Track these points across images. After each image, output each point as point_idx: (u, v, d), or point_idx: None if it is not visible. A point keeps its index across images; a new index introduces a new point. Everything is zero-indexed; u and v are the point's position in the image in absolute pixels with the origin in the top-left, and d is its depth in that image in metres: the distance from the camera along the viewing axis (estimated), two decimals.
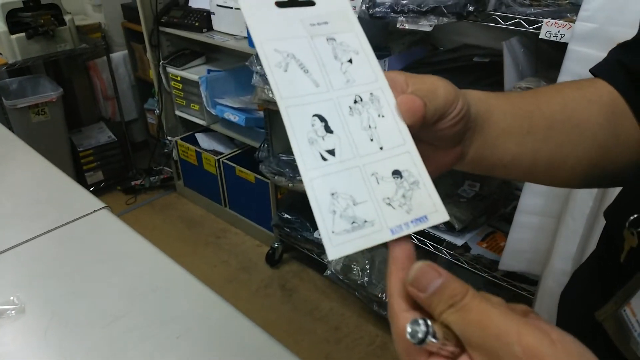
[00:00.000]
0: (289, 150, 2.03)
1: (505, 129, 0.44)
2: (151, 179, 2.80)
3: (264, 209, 2.27)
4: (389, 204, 0.33)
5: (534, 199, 1.21)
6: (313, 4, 0.38)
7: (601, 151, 0.48)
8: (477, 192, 1.65)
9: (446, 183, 1.69)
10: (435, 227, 1.58)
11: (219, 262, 2.32)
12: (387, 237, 0.32)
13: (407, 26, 1.30)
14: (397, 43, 1.64)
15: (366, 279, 1.83)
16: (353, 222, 0.32)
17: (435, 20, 1.25)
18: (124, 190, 2.77)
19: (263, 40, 0.35)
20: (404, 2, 1.28)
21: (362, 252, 1.91)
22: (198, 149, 2.48)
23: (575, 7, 1.07)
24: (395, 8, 1.29)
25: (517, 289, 1.43)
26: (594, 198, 1.05)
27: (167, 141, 2.61)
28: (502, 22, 1.17)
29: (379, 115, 0.35)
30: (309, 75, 0.35)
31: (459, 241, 1.56)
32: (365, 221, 0.32)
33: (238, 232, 2.52)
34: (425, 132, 0.38)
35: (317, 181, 0.32)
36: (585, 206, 1.07)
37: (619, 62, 0.48)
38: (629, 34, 0.49)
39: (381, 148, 0.35)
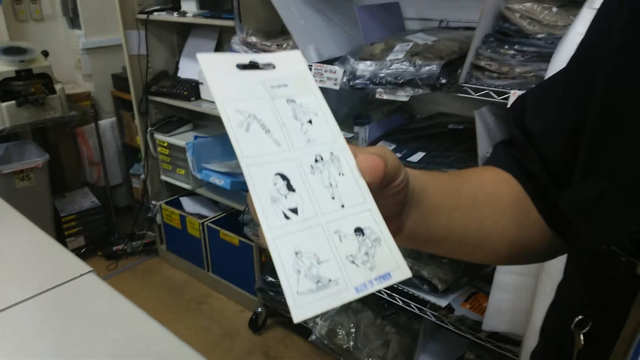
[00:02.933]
0: None
1: (437, 206, 0.46)
2: (133, 243, 2.78)
3: (248, 273, 2.26)
4: (353, 262, 0.33)
5: None
6: (273, 67, 0.39)
7: (519, 227, 0.52)
8: None
9: None
10: (419, 289, 1.60)
11: (200, 329, 2.27)
12: (352, 296, 0.32)
13: (385, 96, 1.39)
14: (376, 111, 1.73)
15: (352, 343, 1.81)
16: (318, 282, 0.31)
17: (411, 91, 1.34)
18: (105, 256, 2.74)
19: (224, 101, 0.36)
20: (382, 74, 1.37)
21: (348, 315, 1.90)
22: (182, 213, 2.50)
23: (540, 79, 1.16)
24: (374, 80, 1.39)
25: (501, 349, 1.43)
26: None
27: (152, 205, 2.62)
28: (473, 93, 1.26)
29: (339, 174, 0.36)
30: (270, 135, 0.36)
31: (442, 302, 1.57)
32: (330, 280, 0.32)
33: (220, 297, 2.48)
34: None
35: (280, 240, 0.32)
36: (561, 264, 1.11)
37: (513, 157, 0.55)
38: None
39: (342, 206, 0.35)
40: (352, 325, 1.85)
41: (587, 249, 0.43)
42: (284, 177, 0.34)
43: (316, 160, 0.36)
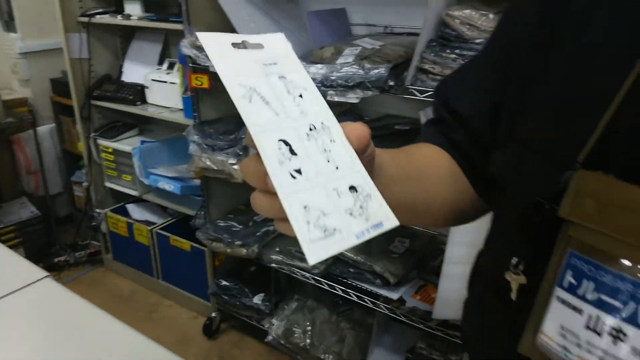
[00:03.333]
0: (226, 216, 2.06)
1: (393, 176, 0.52)
2: (76, 254, 2.67)
3: (200, 278, 2.24)
4: (351, 214, 0.38)
5: (458, 250, 1.33)
6: (262, 47, 0.43)
7: (455, 194, 0.61)
8: (407, 247, 1.77)
9: (378, 240, 1.79)
10: (372, 283, 1.66)
11: (152, 338, 2.22)
12: (353, 241, 0.37)
13: (336, 98, 1.44)
14: None
15: (308, 341, 1.84)
16: (325, 230, 0.37)
17: (361, 94, 1.40)
18: (47, 268, 2.60)
19: (228, 76, 0.40)
20: (333, 77, 1.42)
21: (304, 314, 1.93)
22: (129, 220, 2.44)
23: None
24: (326, 83, 1.44)
25: (450, 337, 1.52)
26: None
27: (96, 213, 2.54)
28: (419, 95, 1.34)
29: (331, 141, 0.41)
30: (270, 106, 0.40)
31: (394, 295, 1.64)
32: (335, 229, 0.37)
33: (172, 305, 2.44)
34: None
35: (291, 197, 0.37)
36: None
37: (442, 134, 0.64)
38: None
39: (337, 168, 0.40)
40: (307, 323, 1.89)
41: (515, 203, 0.51)
42: (286, 143, 0.39)
43: (310, 129, 0.41)
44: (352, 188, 0.40)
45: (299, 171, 0.38)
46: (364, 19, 1.83)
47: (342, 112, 1.82)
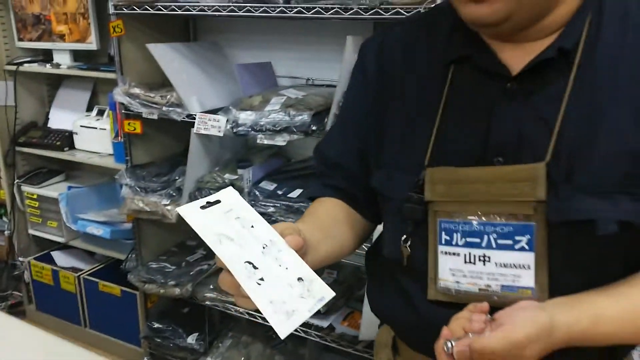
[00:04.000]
0: (158, 258, 2.09)
1: (319, 241, 0.71)
2: None
3: (131, 323, 2.22)
4: (302, 297, 0.57)
5: None
6: (220, 201, 0.63)
7: (354, 229, 0.83)
8: (335, 278, 1.90)
9: None
10: None
11: None
12: (307, 315, 0.56)
13: (265, 141, 1.59)
14: (257, 156, 1.92)
15: None
16: (287, 313, 0.55)
17: (288, 137, 1.56)
18: None
19: (204, 231, 0.58)
20: (262, 123, 1.57)
21: (238, 349, 1.99)
22: (55, 268, 2.38)
23: None
24: (255, 127, 1.58)
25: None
26: None
27: (18, 262, 2.45)
28: None
29: (279, 251, 0.60)
30: (234, 242, 0.59)
31: (324, 323, 1.76)
32: (293, 310, 0.56)
33: (100, 354, 2.37)
34: None
35: (260, 297, 0.54)
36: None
37: (325, 185, 0.85)
38: None
39: (287, 268, 0.59)
40: (242, 359, 1.94)
41: (394, 202, 0.73)
42: (249, 262, 0.57)
43: (264, 247, 0.60)
44: (300, 279, 0.59)
45: (262, 279, 0.57)
46: (288, 72, 2.02)
47: (271, 155, 1.97)
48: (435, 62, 0.71)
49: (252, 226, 0.61)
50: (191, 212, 0.60)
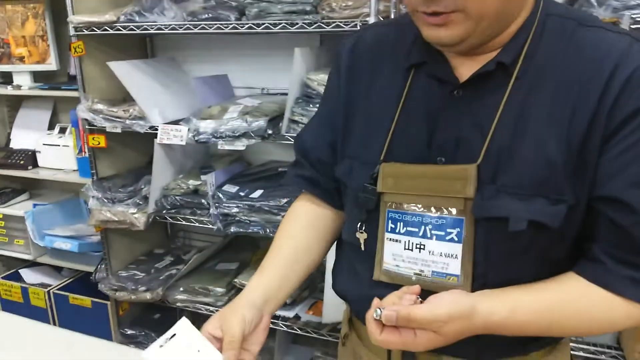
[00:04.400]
0: (127, 267, 2.17)
1: (277, 289, 0.85)
2: None
3: (104, 332, 2.28)
4: None
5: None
6: (175, 335, 0.75)
7: (320, 231, 0.93)
8: None
9: None
10: None
11: None
12: None
13: (226, 147, 1.72)
14: (219, 162, 2.05)
15: None
16: None
17: (246, 142, 1.69)
18: None
19: None
20: (222, 130, 1.70)
21: None
22: (24, 285, 2.41)
23: None
24: (216, 135, 1.71)
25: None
26: None
27: None
28: (291, 140, 1.67)
29: None
30: None
31: (291, 313, 1.89)
32: None
33: None
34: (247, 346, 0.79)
35: None
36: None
37: (297, 175, 0.93)
38: None
39: None
40: None
41: (353, 191, 0.80)
42: None
43: None
44: None
45: None
46: (243, 83, 2.16)
47: (233, 161, 2.09)
48: (399, 65, 0.78)
49: (199, 350, 0.74)
50: (155, 356, 0.72)
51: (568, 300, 0.67)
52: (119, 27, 1.79)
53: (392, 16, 1.47)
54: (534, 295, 0.67)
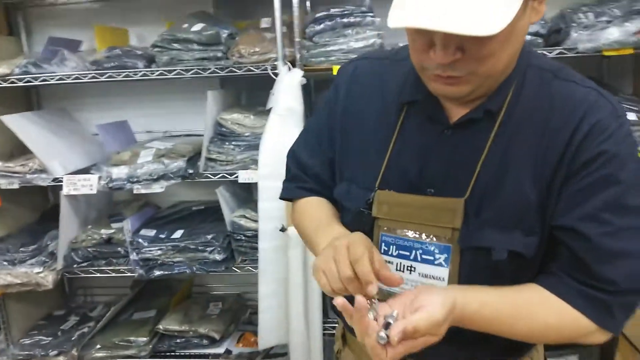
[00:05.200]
0: (29, 334, 1.99)
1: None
2: None
3: None
4: None
5: (268, 286, 1.72)
6: None
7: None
8: (221, 308, 2.07)
9: (195, 309, 2.04)
10: (200, 346, 1.90)
11: None
12: None
13: (142, 191, 1.73)
14: (127, 209, 2.01)
15: None
16: None
17: (165, 183, 1.73)
18: None
19: None
20: (138, 174, 1.71)
21: None
22: None
23: (254, 162, 1.73)
24: (131, 180, 1.71)
25: None
26: (302, 272, 1.64)
27: None
28: (213, 177, 1.75)
29: None
30: None
31: (221, 349, 1.91)
32: None
33: None
34: None
35: None
36: (298, 281, 1.64)
37: (298, 187, 0.95)
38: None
39: None
40: None
41: (350, 212, 0.86)
42: None
43: None
44: None
45: None
46: (144, 127, 2.17)
47: (141, 206, 2.07)
48: (392, 99, 0.83)
49: None
50: None
51: (528, 304, 0.74)
52: (14, 80, 1.71)
53: (297, 60, 1.65)
54: (500, 297, 0.73)
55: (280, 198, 1.01)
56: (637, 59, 1.79)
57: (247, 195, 2.08)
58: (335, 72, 1.63)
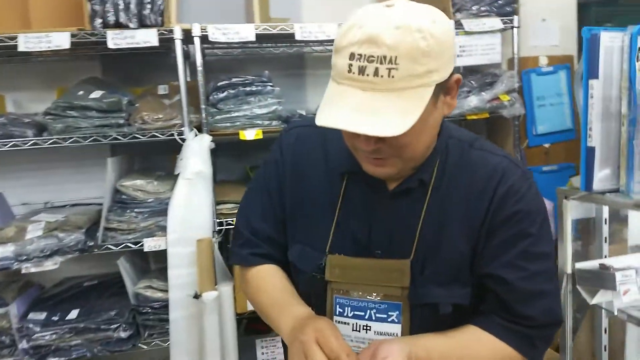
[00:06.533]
0: None
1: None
2: None
3: None
4: None
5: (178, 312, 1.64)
6: None
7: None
8: None
9: None
10: None
11: None
12: None
13: (33, 269, 1.57)
14: (7, 291, 1.77)
15: None
16: None
17: (60, 259, 1.59)
18: None
19: None
20: (28, 251, 1.55)
21: None
22: None
23: (160, 228, 1.68)
24: (20, 258, 1.55)
25: None
26: (219, 339, 1.60)
27: None
28: (115, 248, 1.65)
29: None
30: None
31: None
32: None
33: None
34: None
35: None
36: (215, 348, 1.60)
37: (253, 254, 0.95)
38: (200, 235, 1.07)
39: None
40: None
41: (303, 276, 0.89)
42: None
43: None
44: None
45: None
46: (21, 199, 1.97)
47: (22, 286, 1.85)
48: (333, 166, 0.89)
49: None
50: None
51: (468, 344, 0.84)
52: None
53: (204, 125, 1.69)
54: (445, 342, 0.82)
55: (231, 263, 1.01)
56: (489, 120, 2.16)
57: (145, 265, 1.99)
58: (242, 137, 1.72)
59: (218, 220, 1.74)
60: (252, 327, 1.96)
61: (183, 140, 1.67)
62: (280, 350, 1.85)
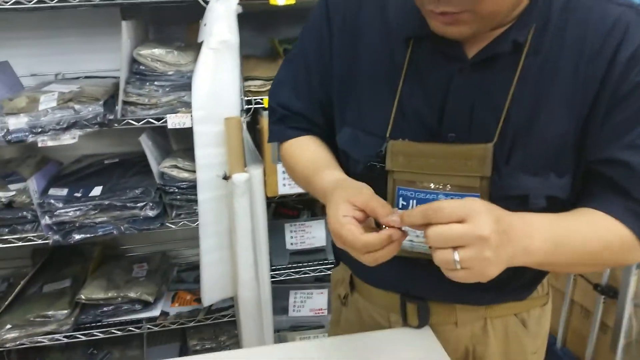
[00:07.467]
0: None
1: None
2: None
3: None
4: None
5: (208, 241, 1.60)
6: None
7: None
8: (148, 269, 1.89)
9: (118, 273, 1.84)
10: (133, 311, 1.72)
11: None
12: None
13: (50, 143, 1.46)
14: (23, 166, 1.69)
15: None
16: None
17: (79, 132, 1.47)
18: None
19: None
20: (43, 124, 1.43)
21: None
22: None
23: (183, 104, 1.54)
24: (35, 130, 1.43)
25: (219, 319, 1.77)
26: (250, 222, 1.54)
27: None
28: (136, 124, 1.53)
29: None
30: None
31: (156, 312, 1.76)
32: None
33: None
34: None
35: None
36: (246, 230, 1.54)
37: (293, 128, 0.86)
38: (227, 113, 0.99)
39: None
40: None
41: (358, 165, 0.77)
42: None
43: None
44: None
45: None
46: (30, 70, 1.81)
47: (39, 162, 1.76)
48: (393, 33, 0.73)
49: None
50: None
51: (580, 223, 0.68)
52: None
53: None
54: (543, 216, 0.65)
55: (269, 141, 0.90)
56: None
57: (165, 143, 1.88)
58: (272, 2, 1.50)
59: (246, 99, 1.59)
60: (281, 211, 1.91)
61: (206, 2, 1.46)
62: (310, 235, 1.81)
